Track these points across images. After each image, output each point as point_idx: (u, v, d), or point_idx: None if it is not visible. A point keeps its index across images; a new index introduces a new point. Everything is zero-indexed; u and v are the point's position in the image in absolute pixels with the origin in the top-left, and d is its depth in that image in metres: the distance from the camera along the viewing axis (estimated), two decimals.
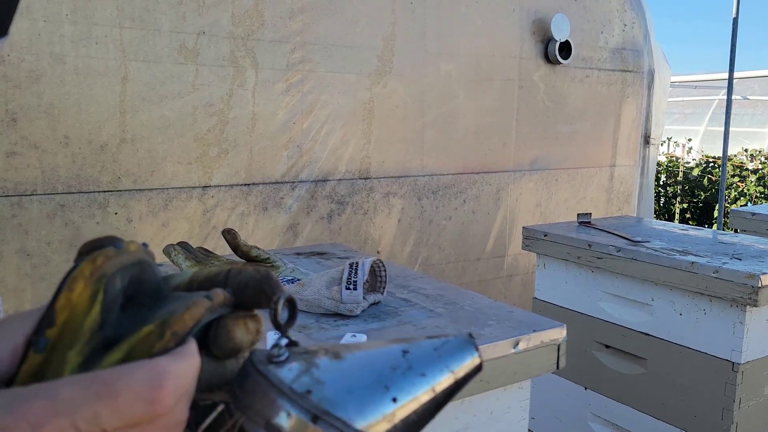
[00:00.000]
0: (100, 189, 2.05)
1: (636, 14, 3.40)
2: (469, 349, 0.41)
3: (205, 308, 0.37)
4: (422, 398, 0.38)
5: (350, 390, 0.36)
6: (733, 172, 7.58)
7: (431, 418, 0.40)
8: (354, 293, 1.17)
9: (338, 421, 0.35)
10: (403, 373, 0.38)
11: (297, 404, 0.35)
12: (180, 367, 0.33)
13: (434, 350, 0.40)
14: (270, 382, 0.36)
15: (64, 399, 0.31)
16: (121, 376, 0.32)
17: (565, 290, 2.14)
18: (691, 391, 1.81)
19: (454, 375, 0.39)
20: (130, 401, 0.31)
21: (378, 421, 0.36)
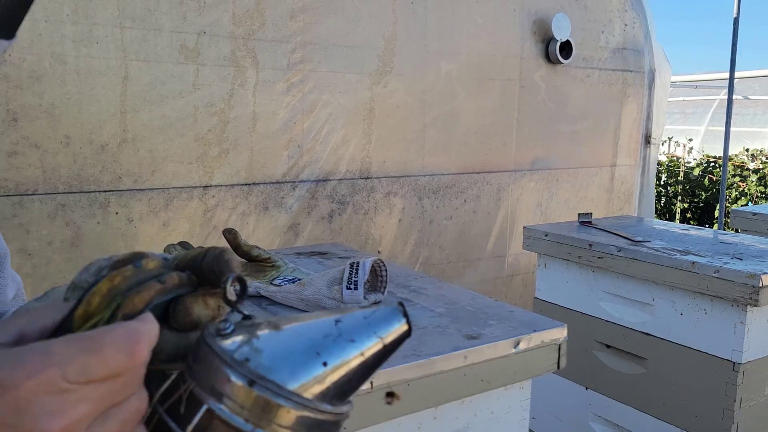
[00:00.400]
0: (101, 189, 2.05)
1: (637, 14, 3.39)
2: (397, 317, 0.44)
3: (155, 291, 0.43)
4: (352, 362, 0.42)
5: (284, 356, 0.41)
6: (734, 171, 7.58)
7: (363, 380, 0.44)
8: (355, 293, 1.17)
9: (272, 384, 0.40)
10: (334, 340, 0.42)
11: (236, 371, 0.40)
12: (148, 328, 0.40)
13: (364, 318, 0.44)
14: (214, 352, 0.41)
15: (56, 353, 0.37)
16: (105, 334, 0.38)
17: (566, 290, 2.14)
18: (692, 391, 1.81)
19: (382, 340, 0.43)
20: (114, 353, 0.38)
21: (310, 383, 0.41)
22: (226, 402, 0.40)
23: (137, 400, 0.40)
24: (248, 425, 0.40)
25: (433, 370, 1.00)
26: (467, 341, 1.07)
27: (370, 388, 0.94)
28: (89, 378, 0.37)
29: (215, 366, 0.41)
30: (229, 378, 0.40)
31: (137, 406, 0.40)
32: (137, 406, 0.40)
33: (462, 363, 1.03)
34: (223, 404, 0.40)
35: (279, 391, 0.40)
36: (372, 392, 0.95)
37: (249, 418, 0.40)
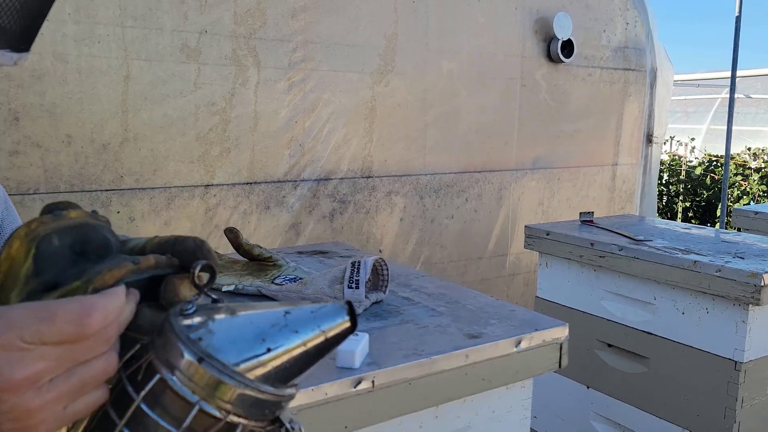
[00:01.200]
0: (102, 188, 2.05)
1: (638, 12, 3.39)
2: (341, 314, 0.48)
3: (128, 270, 0.48)
4: (294, 350, 0.46)
5: (233, 340, 0.45)
6: (736, 170, 7.57)
7: (306, 367, 0.48)
8: (356, 292, 1.17)
9: (218, 363, 0.44)
10: (280, 330, 0.46)
11: (188, 348, 0.44)
12: (105, 303, 0.44)
13: (311, 313, 0.48)
14: (173, 329, 0.45)
15: (14, 318, 0.42)
16: (60, 305, 0.43)
17: (568, 289, 2.14)
18: (694, 390, 1.81)
19: (324, 334, 0.47)
20: (64, 324, 0.42)
21: (254, 365, 0.45)
22: (178, 375, 0.45)
23: (103, 362, 0.45)
24: (194, 397, 0.45)
25: (434, 369, 1.00)
26: (468, 340, 1.07)
27: (371, 388, 0.94)
28: (42, 341, 0.42)
29: (172, 342, 0.45)
30: (182, 353, 0.44)
31: (103, 368, 0.45)
32: (103, 367, 0.45)
33: (463, 362, 1.03)
34: (175, 376, 0.45)
35: (223, 369, 0.44)
36: (373, 391, 0.95)
37: (196, 390, 0.45)
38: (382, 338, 1.07)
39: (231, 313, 0.47)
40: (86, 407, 0.46)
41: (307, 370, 0.48)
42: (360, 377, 0.93)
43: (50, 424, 0.44)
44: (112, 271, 0.47)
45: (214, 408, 0.45)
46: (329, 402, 0.91)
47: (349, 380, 0.93)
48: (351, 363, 0.95)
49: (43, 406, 0.43)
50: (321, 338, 0.47)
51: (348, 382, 0.92)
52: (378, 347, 1.03)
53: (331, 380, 0.91)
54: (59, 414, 0.44)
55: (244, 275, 1.32)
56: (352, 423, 0.95)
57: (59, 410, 0.44)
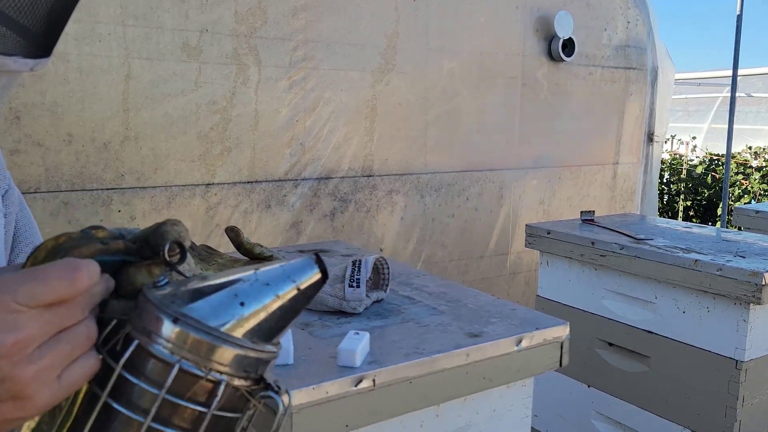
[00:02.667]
0: (103, 187, 2.05)
1: (639, 11, 3.39)
2: (311, 266, 0.49)
3: (96, 249, 0.49)
4: (270, 305, 0.47)
5: (206, 299, 0.46)
6: (737, 169, 7.56)
7: (284, 322, 0.48)
8: (357, 291, 1.17)
9: (193, 320, 0.45)
10: (251, 284, 0.47)
11: (162, 311, 0.45)
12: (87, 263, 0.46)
13: (281, 268, 0.49)
14: (147, 298, 0.46)
15: (8, 281, 0.44)
16: (49, 266, 0.46)
17: (569, 288, 2.14)
18: (695, 389, 1.81)
19: (296, 285, 0.48)
20: (57, 280, 0.44)
21: (231, 322, 0.46)
22: (155, 338, 0.45)
23: (85, 327, 0.46)
24: (174, 357, 0.45)
25: (435, 368, 1.00)
26: (469, 339, 1.07)
27: (372, 386, 0.94)
28: (37, 302, 0.44)
29: (147, 309, 0.46)
30: (157, 317, 0.45)
31: (86, 333, 0.46)
32: (86, 331, 0.46)
33: (464, 361, 1.03)
34: (153, 341, 0.45)
35: (200, 326, 0.45)
36: (374, 390, 0.95)
37: (175, 351, 0.45)
38: (383, 337, 1.07)
39: (203, 279, 0.48)
40: (81, 375, 0.46)
41: (286, 326, 0.49)
42: (361, 376, 0.93)
43: (48, 396, 0.45)
44: (80, 249, 0.49)
45: (194, 366, 0.45)
46: (330, 401, 0.91)
47: (350, 379, 0.93)
48: (352, 362, 0.95)
49: (37, 375, 0.44)
50: (294, 291, 0.48)
51: (349, 381, 0.93)
52: (379, 346, 1.03)
53: (332, 379, 0.91)
54: (54, 384, 0.45)
55: None
56: (353, 422, 0.95)
57: (53, 379, 0.45)
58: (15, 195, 0.77)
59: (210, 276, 0.49)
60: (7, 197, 0.74)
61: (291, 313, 0.48)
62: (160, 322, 0.45)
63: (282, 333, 0.49)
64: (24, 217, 0.79)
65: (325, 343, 1.05)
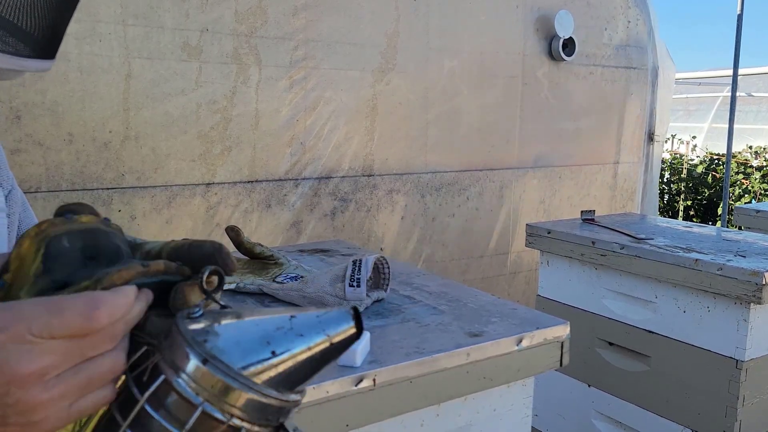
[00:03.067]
0: (103, 186, 2.05)
1: (640, 11, 3.38)
2: (347, 319, 0.49)
3: (137, 272, 0.48)
4: (299, 355, 0.46)
5: (238, 342, 0.46)
6: (738, 169, 7.56)
7: (311, 373, 0.48)
8: (357, 290, 1.17)
9: (222, 365, 0.44)
10: (285, 333, 0.46)
11: (193, 349, 0.45)
12: (113, 299, 0.45)
13: (316, 317, 0.48)
14: (179, 331, 0.45)
15: (24, 311, 0.43)
16: (68, 299, 0.44)
17: (569, 287, 2.14)
18: (695, 389, 1.81)
19: (329, 339, 0.47)
20: (73, 316, 0.43)
21: (258, 369, 0.45)
22: (183, 376, 0.45)
23: (110, 360, 0.46)
24: (198, 399, 0.44)
25: (435, 368, 1.00)
26: (470, 339, 1.07)
27: (372, 386, 0.94)
28: (52, 335, 0.43)
29: (178, 343, 0.45)
30: (187, 355, 0.45)
31: (110, 366, 0.46)
32: (110, 365, 0.46)
33: (465, 360, 1.03)
34: (179, 377, 0.45)
35: (228, 371, 0.44)
36: (374, 389, 0.95)
37: (200, 392, 0.45)
38: (383, 336, 1.07)
39: (237, 317, 0.48)
40: (92, 405, 0.46)
41: (312, 376, 0.48)
42: (361, 375, 0.93)
43: (55, 422, 0.44)
44: (120, 272, 0.47)
45: (217, 411, 0.45)
46: (330, 400, 0.91)
47: (350, 378, 0.93)
48: (352, 361, 0.95)
49: (48, 402, 0.43)
50: (326, 343, 0.47)
51: (349, 381, 0.93)
52: (379, 345, 1.03)
53: (332, 378, 0.91)
54: (64, 411, 0.44)
55: (245, 274, 1.32)
56: (353, 421, 0.95)
57: (64, 407, 0.44)
58: (18, 195, 0.77)
59: (244, 313, 0.48)
60: (10, 197, 0.74)
61: (320, 364, 0.48)
62: (190, 360, 0.45)
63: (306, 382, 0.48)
64: (27, 217, 0.79)
65: None
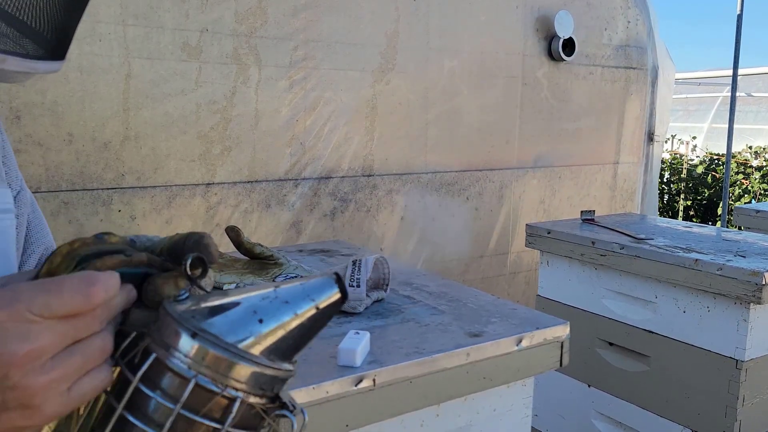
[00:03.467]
0: (103, 186, 2.05)
1: (639, 11, 3.38)
2: (330, 285, 0.49)
3: (119, 260, 0.49)
4: (288, 323, 0.47)
5: (225, 315, 0.46)
6: (737, 169, 7.56)
7: (303, 341, 0.48)
8: (357, 290, 1.17)
9: (212, 336, 0.45)
10: (271, 302, 0.47)
11: (181, 325, 0.45)
12: (105, 277, 0.46)
13: (300, 285, 0.49)
14: (167, 311, 0.47)
15: (23, 291, 0.44)
16: (65, 278, 0.45)
17: (569, 287, 2.14)
18: (695, 389, 1.81)
19: (315, 304, 0.48)
20: (71, 294, 0.44)
21: (249, 339, 0.46)
22: (174, 353, 0.46)
23: (101, 339, 0.46)
24: (191, 372, 0.45)
25: (435, 368, 1.00)
26: (470, 339, 1.07)
27: (372, 386, 0.94)
28: (51, 313, 0.43)
29: (166, 323, 0.46)
30: (176, 331, 0.46)
31: (101, 345, 0.46)
32: (101, 344, 0.46)
33: (464, 360, 1.03)
34: (171, 355, 0.46)
35: (217, 341, 0.45)
36: (374, 390, 0.95)
37: (192, 366, 0.45)
38: (383, 337, 1.07)
39: (223, 295, 0.48)
40: (91, 389, 0.46)
41: (303, 346, 0.49)
42: (361, 376, 0.93)
43: (55, 406, 0.44)
44: (104, 260, 0.49)
45: (210, 382, 0.45)
46: (330, 400, 0.91)
47: (350, 379, 0.93)
48: (352, 361, 0.95)
49: (47, 385, 0.43)
50: (313, 309, 0.48)
51: (349, 381, 0.93)
52: (379, 346, 1.03)
53: (332, 379, 0.91)
54: (63, 395, 0.45)
55: (245, 274, 1.32)
56: (353, 421, 0.95)
57: (63, 390, 0.45)
58: (27, 197, 0.77)
59: (230, 292, 0.49)
60: (18, 198, 0.75)
61: (309, 331, 0.48)
62: (179, 336, 0.45)
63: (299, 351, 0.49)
64: (36, 218, 0.79)
65: (325, 342, 1.05)
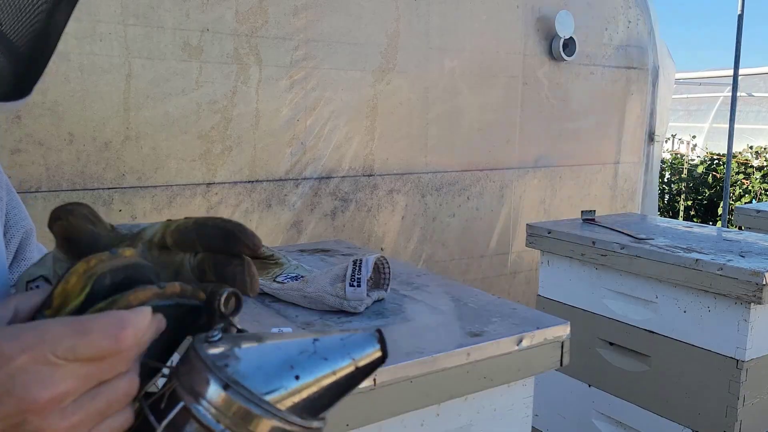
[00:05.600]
0: (104, 186, 2.05)
1: (640, 10, 3.38)
2: (372, 342, 0.46)
3: (153, 293, 0.46)
4: (323, 380, 0.44)
5: (260, 366, 0.44)
6: (738, 169, 7.56)
7: (336, 399, 0.46)
8: (358, 290, 1.17)
9: (245, 390, 0.42)
10: (309, 357, 0.45)
11: (214, 374, 0.43)
12: (137, 318, 0.43)
13: (341, 340, 0.46)
14: (198, 355, 0.44)
15: (48, 332, 0.41)
16: (94, 319, 0.43)
17: (569, 287, 2.14)
18: (696, 389, 1.81)
19: (354, 363, 0.45)
20: (100, 337, 0.41)
21: (282, 394, 0.43)
22: (203, 402, 0.43)
23: (126, 382, 0.44)
24: (219, 426, 0.42)
25: (436, 368, 1.00)
26: (470, 338, 1.07)
27: (372, 386, 0.94)
28: (76, 357, 0.41)
29: (197, 368, 0.43)
30: (207, 380, 0.43)
31: (126, 389, 0.44)
32: (126, 388, 0.44)
33: (465, 360, 1.03)
34: (199, 404, 0.43)
35: (251, 397, 0.42)
36: (375, 389, 0.95)
37: (221, 420, 0.42)
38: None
39: (258, 340, 0.46)
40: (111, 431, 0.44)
41: (336, 402, 0.46)
42: None
43: None
44: (137, 293, 0.45)
45: None
46: None
47: None
48: None
49: (67, 430, 0.41)
50: (351, 367, 0.45)
51: None
52: None
53: None
54: None
55: None
56: (353, 421, 0.94)
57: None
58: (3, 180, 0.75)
59: (265, 337, 0.46)
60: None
61: (344, 389, 0.46)
62: (210, 385, 0.43)
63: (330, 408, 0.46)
64: (12, 200, 0.77)
65: None
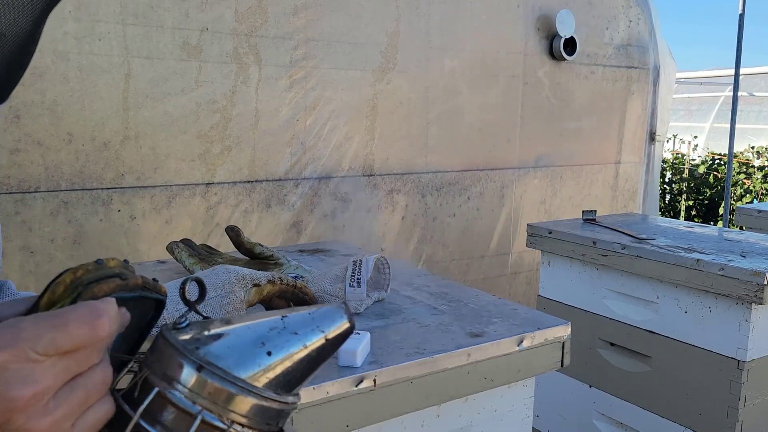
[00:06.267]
0: (103, 186, 2.05)
1: (641, 10, 3.38)
2: (339, 314, 0.48)
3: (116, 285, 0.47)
4: (296, 354, 0.45)
5: (232, 346, 0.44)
6: (739, 169, 7.55)
7: (309, 372, 0.47)
8: (358, 290, 1.16)
9: (219, 370, 0.43)
10: (279, 333, 0.45)
11: (186, 357, 0.43)
12: (108, 308, 0.44)
13: (308, 314, 0.47)
14: (168, 341, 0.44)
15: (26, 329, 0.41)
16: (70, 311, 0.43)
17: (570, 288, 2.14)
18: (696, 389, 1.80)
19: (324, 335, 0.47)
20: (78, 327, 0.42)
21: (256, 371, 0.44)
22: (177, 386, 0.43)
23: (101, 371, 0.44)
24: (196, 407, 0.43)
25: (436, 368, 1.00)
26: (471, 339, 1.06)
27: (373, 386, 0.94)
28: (57, 350, 0.41)
29: (168, 354, 0.44)
30: (179, 364, 0.43)
31: (101, 377, 0.44)
32: (101, 377, 0.44)
33: (465, 361, 1.03)
34: (174, 388, 0.43)
35: (225, 376, 0.43)
36: (375, 390, 0.94)
37: (198, 401, 0.43)
38: (383, 337, 1.07)
39: (226, 323, 0.46)
40: (95, 422, 0.44)
41: (309, 376, 0.47)
42: (362, 376, 0.93)
43: None
44: (100, 285, 0.46)
45: (217, 418, 0.43)
46: (331, 401, 0.91)
47: (350, 379, 0.92)
48: (353, 362, 0.94)
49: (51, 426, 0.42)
50: (322, 340, 0.47)
51: (349, 381, 0.92)
52: (380, 346, 1.02)
53: (332, 379, 0.91)
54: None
55: None
56: (353, 422, 0.94)
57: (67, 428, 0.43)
58: None
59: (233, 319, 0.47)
60: None
61: (316, 362, 0.47)
62: (182, 368, 0.43)
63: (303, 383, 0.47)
64: None
65: None
